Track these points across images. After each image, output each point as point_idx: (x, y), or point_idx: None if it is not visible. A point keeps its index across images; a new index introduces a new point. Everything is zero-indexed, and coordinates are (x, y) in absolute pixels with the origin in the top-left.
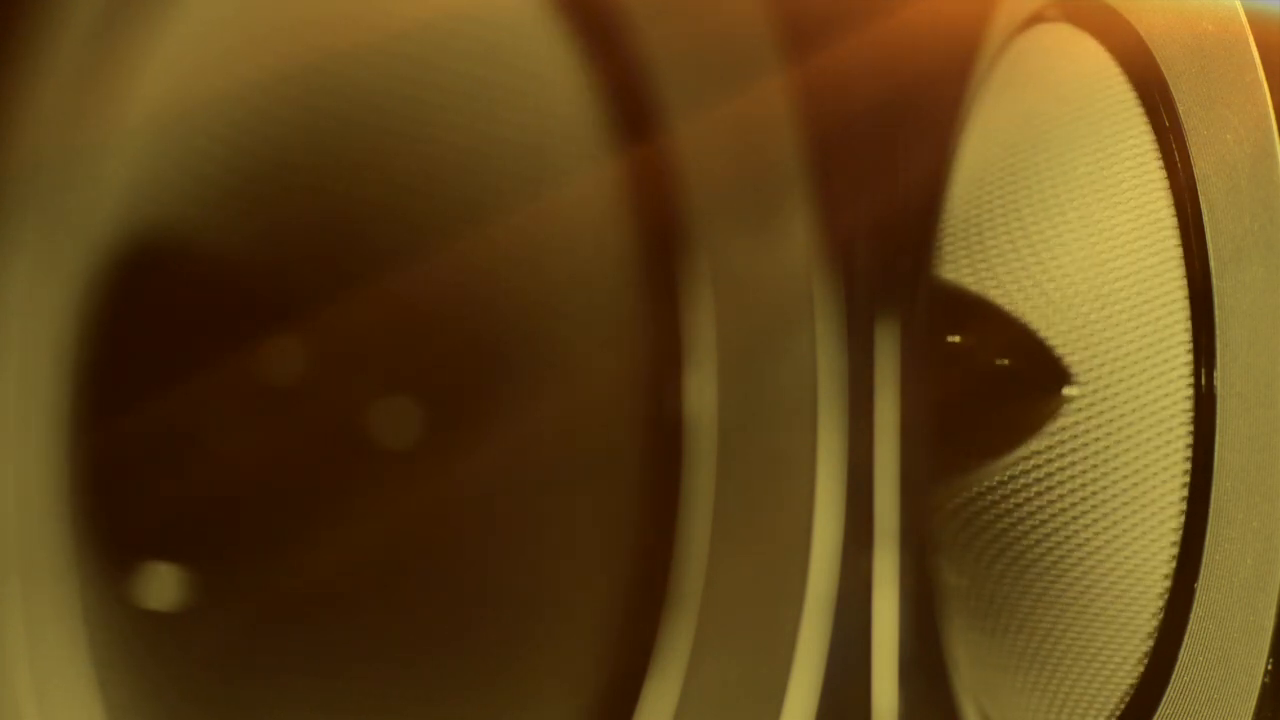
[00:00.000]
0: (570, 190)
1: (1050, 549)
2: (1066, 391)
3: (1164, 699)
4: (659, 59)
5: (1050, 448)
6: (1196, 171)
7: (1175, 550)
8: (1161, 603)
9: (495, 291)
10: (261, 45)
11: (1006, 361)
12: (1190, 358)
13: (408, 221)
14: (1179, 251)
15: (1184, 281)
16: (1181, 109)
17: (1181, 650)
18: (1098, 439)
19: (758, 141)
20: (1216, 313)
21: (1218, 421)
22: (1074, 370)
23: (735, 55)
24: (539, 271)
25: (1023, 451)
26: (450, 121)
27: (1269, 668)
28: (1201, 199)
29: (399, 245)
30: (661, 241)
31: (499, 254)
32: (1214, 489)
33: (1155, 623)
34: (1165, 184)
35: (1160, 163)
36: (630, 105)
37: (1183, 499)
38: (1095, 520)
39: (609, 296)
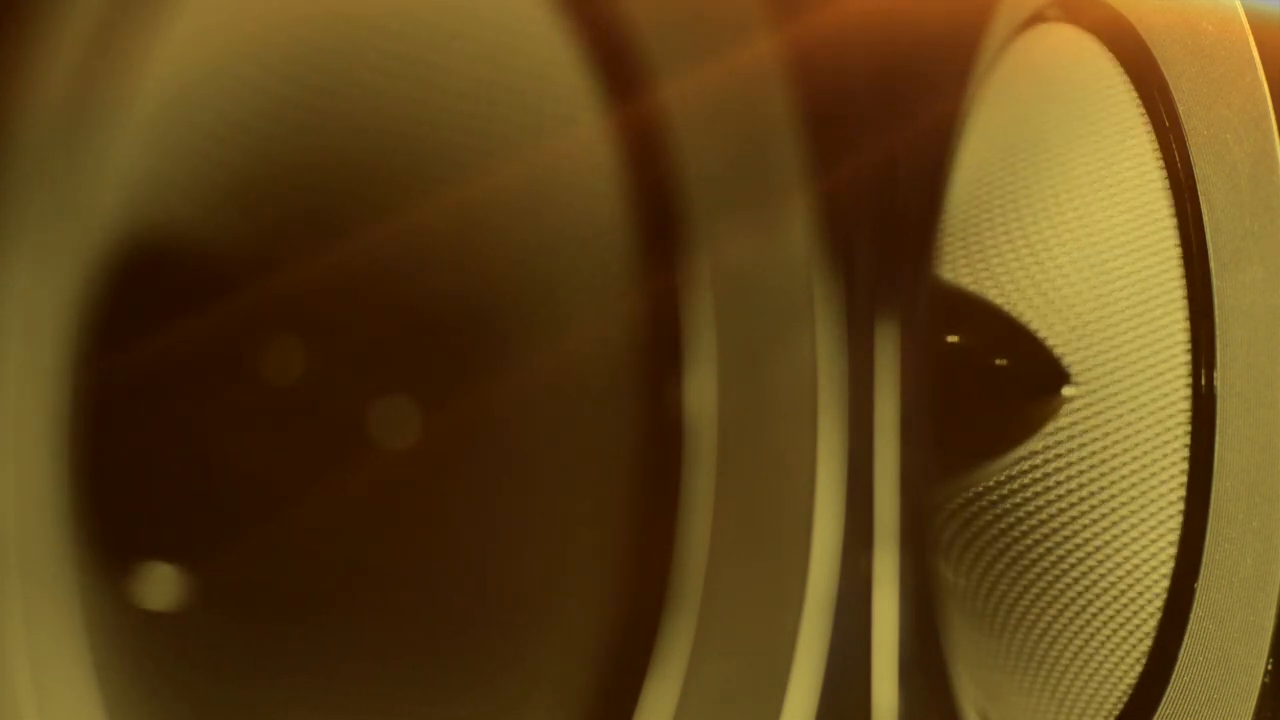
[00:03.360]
0: (569, 190)
1: (1050, 549)
2: (1066, 391)
3: (1164, 699)
4: (659, 58)
5: (1050, 448)
6: (1196, 171)
7: (1175, 550)
8: (1161, 603)
9: (494, 291)
10: (261, 43)
11: (1006, 361)
12: (1190, 358)
13: (405, 219)
14: (1179, 252)
15: (1184, 281)
16: (1181, 109)
17: (1181, 650)
18: (1098, 439)
19: (758, 141)
20: (1216, 313)
21: (1218, 421)
22: (1073, 370)
23: (735, 54)
24: (538, 271)
25: (1022, 451)
26: (449, 121)
27: (1269, 668)
28: (1201, 199)
29: (397, 243)
30: (661, 241)
31: (498, 253)
32: (1214, 489)
33: (1155, 623)
34: (1165, 184)
35: (1160, 163)
36: (630, 105)
37: (1183, 499)
38: (1095, 520)
39: (608, 296)
